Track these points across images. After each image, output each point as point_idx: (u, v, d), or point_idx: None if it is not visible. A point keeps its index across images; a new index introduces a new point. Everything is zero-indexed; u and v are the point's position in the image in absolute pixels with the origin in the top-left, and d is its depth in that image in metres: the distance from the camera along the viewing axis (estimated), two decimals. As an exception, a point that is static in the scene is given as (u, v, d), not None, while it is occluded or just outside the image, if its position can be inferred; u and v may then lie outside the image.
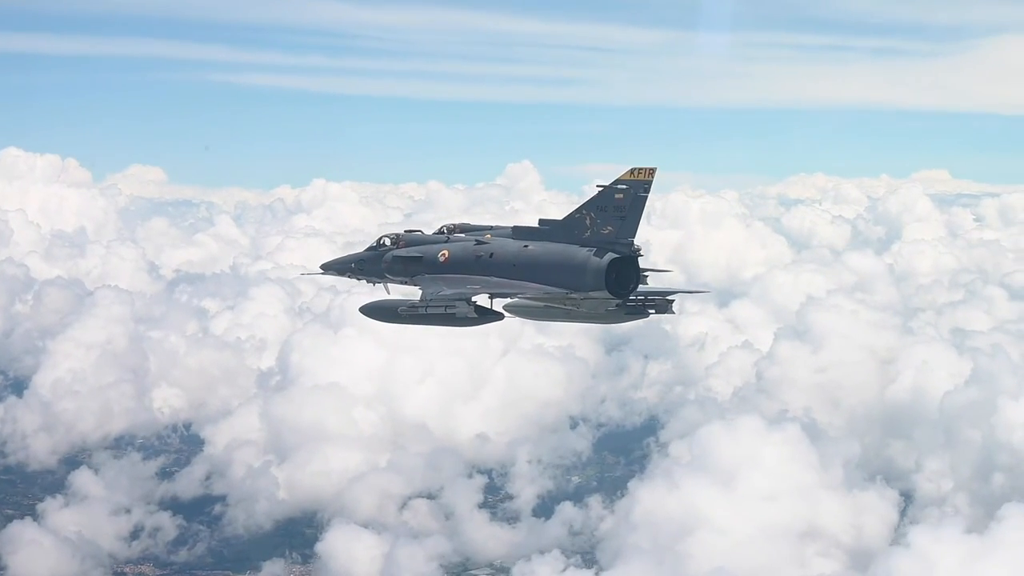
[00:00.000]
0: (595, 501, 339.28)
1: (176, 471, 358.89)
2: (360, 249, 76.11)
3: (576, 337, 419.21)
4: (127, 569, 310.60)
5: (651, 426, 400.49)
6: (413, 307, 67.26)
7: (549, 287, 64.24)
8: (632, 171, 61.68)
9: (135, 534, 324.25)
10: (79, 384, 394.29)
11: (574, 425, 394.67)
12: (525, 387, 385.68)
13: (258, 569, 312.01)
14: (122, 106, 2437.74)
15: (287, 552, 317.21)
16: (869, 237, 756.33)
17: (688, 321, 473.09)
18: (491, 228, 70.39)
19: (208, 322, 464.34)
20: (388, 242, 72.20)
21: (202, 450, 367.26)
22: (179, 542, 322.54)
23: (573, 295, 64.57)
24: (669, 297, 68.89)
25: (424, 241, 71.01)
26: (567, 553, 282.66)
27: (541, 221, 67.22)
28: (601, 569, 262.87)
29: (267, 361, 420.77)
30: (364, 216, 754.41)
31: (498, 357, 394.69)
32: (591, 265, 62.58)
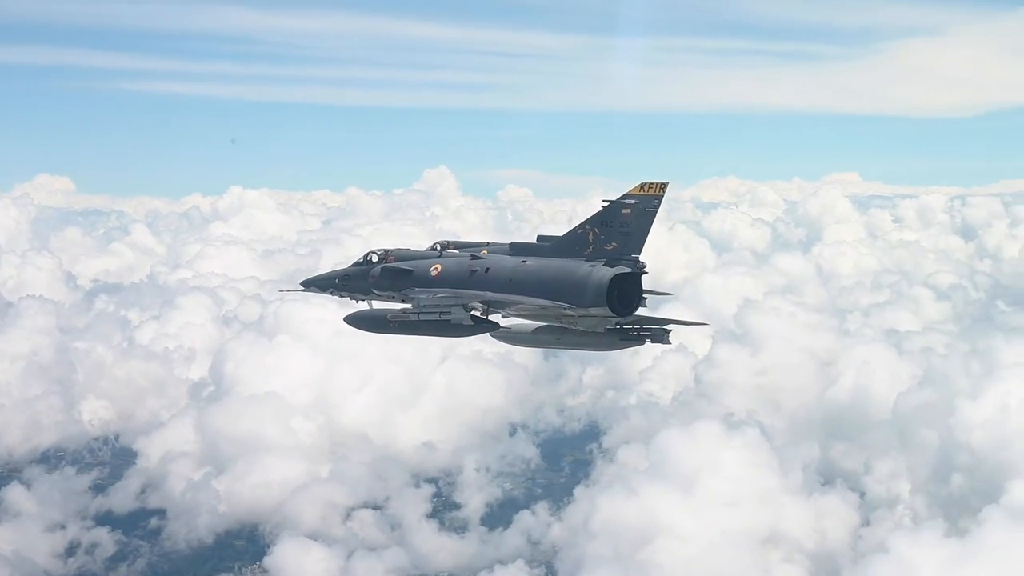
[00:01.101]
0: (542, 509, 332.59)
1: (109, 485, 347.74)
2: (343, 266, 74.12)
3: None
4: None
5: (591, 431, 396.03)
6: (404, 314, 65.59)
7: (547, 301, 62.01)
8: (642, 186, 59.91)
9: (71, 551, 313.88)
10: (4, 396, 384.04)
11: (513, 432, 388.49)
12: (465, 394, 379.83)
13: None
14: (27, 115, 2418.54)
15: (232, 566, 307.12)
16: (790, 239, 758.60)
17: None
18: (486, 244, 68.25)
19: (133, 332, 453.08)
20: (375, 258, 70.19)
21: (135, 463, 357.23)
22: (118, 558, 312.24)
23: (571, 311, 62.11)
24: (666, 327, 67.50)
25: (415, 256, 69.21)
26: (530, 563, 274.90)
27: (540, 237, 65.62)
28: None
29: (197, 371, 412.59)
30: (282, 223, 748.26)
31: (437, 364, 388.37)
32: (593, 280, 60.63)
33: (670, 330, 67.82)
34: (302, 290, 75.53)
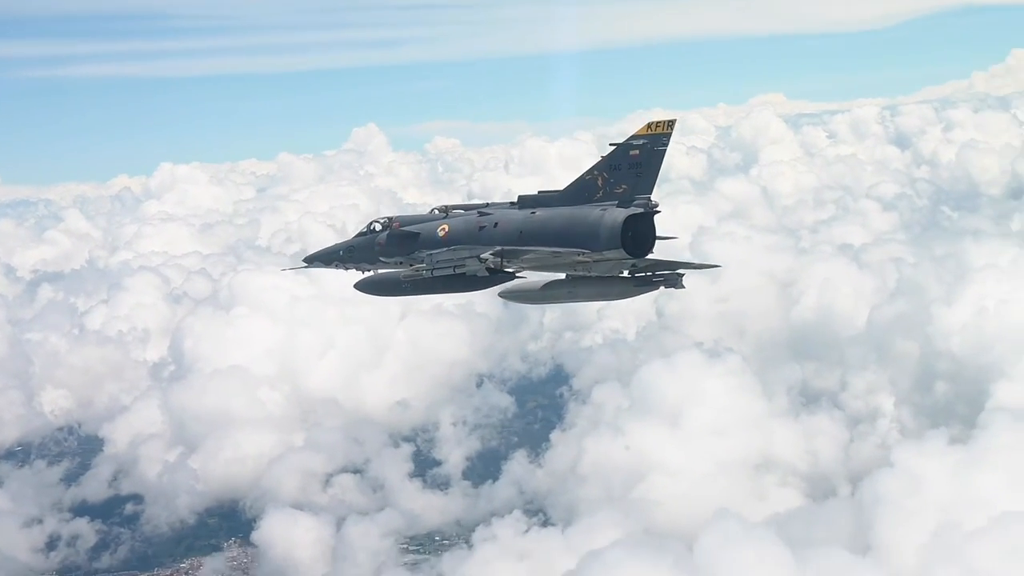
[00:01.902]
0: (521, 457, 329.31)
1: (80, 474, 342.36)
2: (342, 239, 74.08)
3: (480, 294, 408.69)
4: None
5: (558, 375, 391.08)
6: (417, 273, 65.29)
7: (560, 248, 61.24)
8: (649, 125, 59.06)
9: (52, 544, 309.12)
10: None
11: (480, 383, 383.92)
12: (429, 349, 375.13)
13: (186, 563, 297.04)
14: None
15: (216, 543, 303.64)
16: (726, 164, 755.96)
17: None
18: (486, 205, 67.46)
19: (82, 319, 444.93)
20: (379, 227, 69.30)
21: (102, 450, 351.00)
22: (100, 548, 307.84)
23: (585, 257, 61.34)
24: (679, 272, 67.25)
25: (420, 220, 68.26)
26: (526, 513, 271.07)
27: (541, 192, 64.93)
28: (559, 525, 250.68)
29: (155, 351, 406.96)
30: (217, 195, 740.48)
31: (397, 321, 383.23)
32: (606, 222, 59.89)
33: (683, 274, 67.45)
34: (305, 266, 74.86)
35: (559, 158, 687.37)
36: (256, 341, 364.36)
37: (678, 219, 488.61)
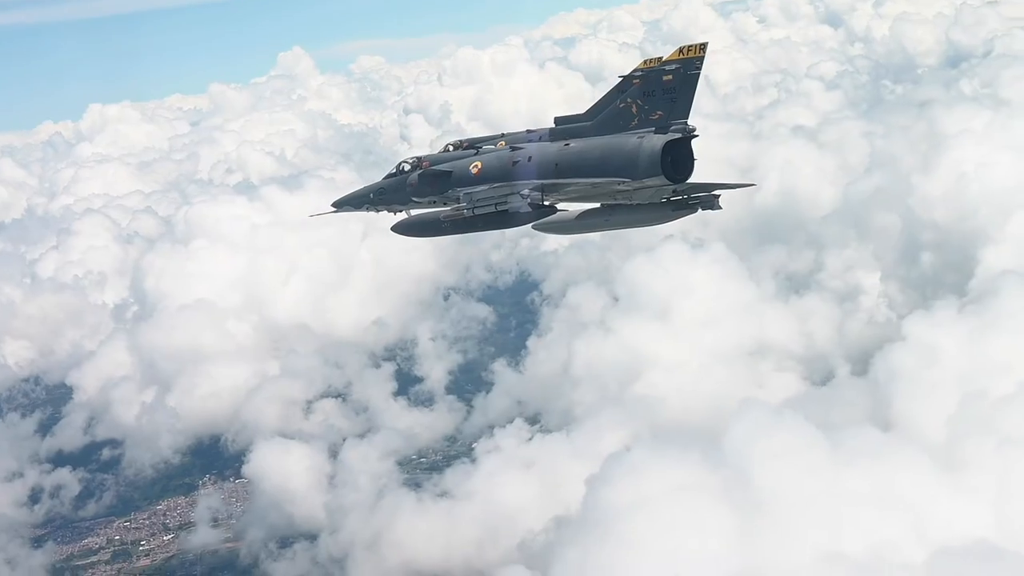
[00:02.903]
0: (502, 367, 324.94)
1: (54, 424, 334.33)
2: (369, 182, 73.55)
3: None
4: (39, 533, 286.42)
5: (526, 282, 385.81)
6: (458, 211, 64.11)
7: (599, 179, 60.43)
8: (680, 49, 58.57)
9: (35, 497, 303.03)
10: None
11: (447, 296, 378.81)
12: (393, 266, 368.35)
13: (173, 501, 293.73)
14: None
15: (203, 480, 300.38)
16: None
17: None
18: (501, 136, 66.71)
19: (33, 267, 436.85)
20: (407, 167, 68.97)
21: (71, 398, 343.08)
22: (84, 496, 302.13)
23: (625, 186, 60.47)
24: (715, 193, 65.25)
25: (450, 158, 67.18)
26: (528, 421, 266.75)
27: (557, 119, 63.56)
28: (561, 431, 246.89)
29: (113, 294, 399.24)
30: (150, 133, 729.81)
31: (360, 241, 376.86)
32: (645, 149, 58.90)
33: (719, 195, 65.39)
34: (334, 211, 73.79)
35: (492, 65, 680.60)
36: (219, 273, 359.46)
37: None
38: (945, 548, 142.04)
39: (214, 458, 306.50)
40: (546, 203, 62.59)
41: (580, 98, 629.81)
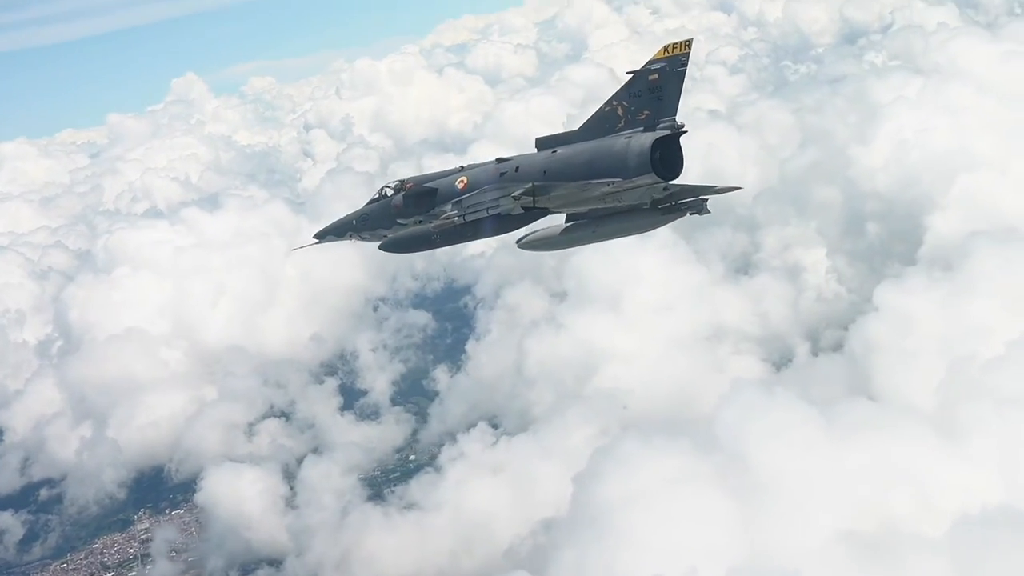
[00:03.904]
0: (443, 373, 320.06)
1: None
2: (350, 210, 72.46)
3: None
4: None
5: (453, 288, 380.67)
6: (447, 221, 62.82)
7: (589, 181, 59.25)
8: (665, 48, 58.51)
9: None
10: None
11: (376, 307, 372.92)
12: (320, 280, 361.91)
13: (119, 536, 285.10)
14: None
15: (152, 509, 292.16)
16: (556, 57, 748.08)
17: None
18: (459, 169, 66.31)
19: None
20: (390, 191, 67.90)
21: (2, 439, 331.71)
22: (29, 539, 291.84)
23: (615, 187, 59.03)
24: (703, 197, 64.39)
25: (433, 177, 66.81)
26: (492, 424, 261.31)
27: (538, 140, 63.40)
28: (525, 433, 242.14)
29: (35, 330, 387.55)
30: (49, 168, 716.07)
31: (284, 257, 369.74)
32: (633, 147, 58.09)
33: (707, 199, 64.56)
34: (316, 243, 73.16)
35: (390, 74, 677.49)
36: (146, 300, 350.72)
37: (532, 112, 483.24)
38: (965, 517, 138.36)
39: (158, 489, 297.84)
40: (538, 207, 61.09)
41: (482, 101, 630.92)
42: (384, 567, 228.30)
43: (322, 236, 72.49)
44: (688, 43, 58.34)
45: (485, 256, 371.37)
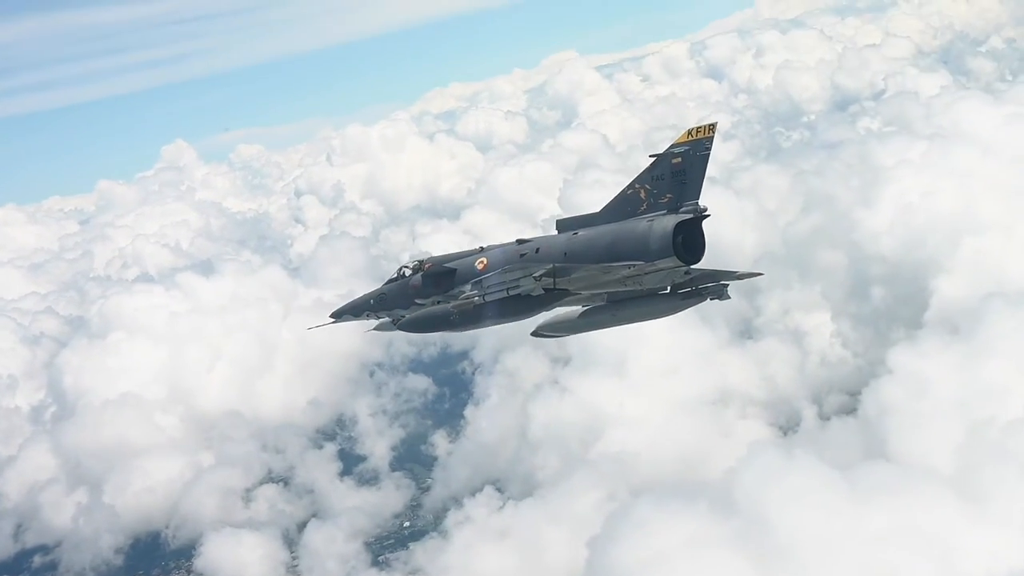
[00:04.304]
0: (441, 439, 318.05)
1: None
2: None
3: (358, 280, 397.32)
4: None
5: (448, 353, 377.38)
6: (468, 300, 61.73)
7: (610, 264, 58.91)
8: (689, 132, 58.24)
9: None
10: None
11: (372, 372, 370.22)
12: (317, 345, 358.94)
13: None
14: None
15: (148, 574, 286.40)
16: (546, 123, 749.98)
17: (430, 241, 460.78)
18: (480, 250, 65.84)
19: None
20: (408, 271, 67.70)
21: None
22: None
23: (636, 270, 58.75)
24: (723, 282, 64.48)
25: (453, 257, 66.34)
26: (498, 488, 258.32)
27: (559, 222, 62.88)
28: (531, 498, 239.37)
29: (27, 396, 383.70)
30: (39, 234, 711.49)
31: (281, 321, 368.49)
32: (656, 230, 57.77)
33: (727, 284, 64.53)
34: (333, 322, 71.75)
35: (381, 141, 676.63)
36: (140, 365, 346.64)
37: (526, 178, 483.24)
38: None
39: (155, 555, 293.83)
40: (558, 287, 60.30)
41: (473, 167, 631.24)
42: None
43: (339, 316, 71.38)
44: (712, 127, 57.93)
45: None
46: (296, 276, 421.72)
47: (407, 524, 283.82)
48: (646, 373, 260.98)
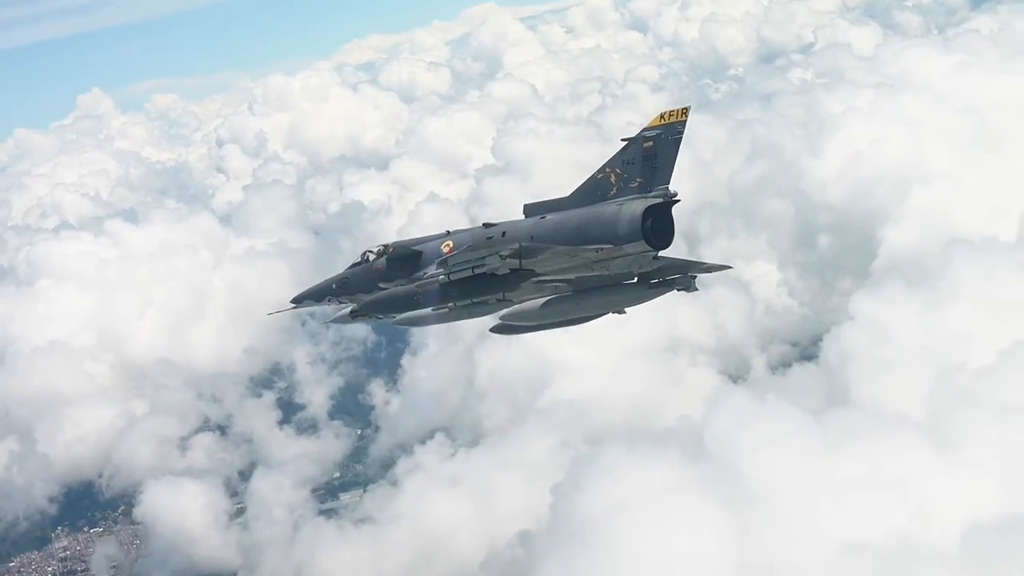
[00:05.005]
0: (378, 387, 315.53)
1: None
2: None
3: (288, 230, 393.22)
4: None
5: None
6: (432, 279, 60.55)
7: (578, 246, 57.08)
8: (661, 116, 56.78)
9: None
10: None
11: (304, 321, 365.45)
12: (249, 292, 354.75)
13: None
14: None
15: (86, 523, 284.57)
16: (472, 74, 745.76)
17: (358, 191, 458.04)
18: (445, 234, 63.66)
19: None
20: (372, 256, 65.74)
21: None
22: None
23: (604, 254, 56.93)
24: (691, 275, 63.08)
25: (419, 241, 64.61)
26: (450, 436, 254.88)
27: (527, 206, 60.87)
28: (480, 445, 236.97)
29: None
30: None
31: (212, 270, 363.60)
32: (624, 214, 56.03)
33: (695, 276, 63.08)
34: (294, 307, 71.23)
35: (304, 91, 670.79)
36: (70, 313, 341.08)
37: (456, 128, 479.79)
38: (976, 527, 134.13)
39: (89, 504, 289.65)
40: (524, 268, 58.48)
41: (397, 118, 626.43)
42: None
43: (299, 301, 69.95)
44: (685, 111, 56.48)
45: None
46: (227, 224, 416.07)
47: (353, 473, 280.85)
48: (596, 321, 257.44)
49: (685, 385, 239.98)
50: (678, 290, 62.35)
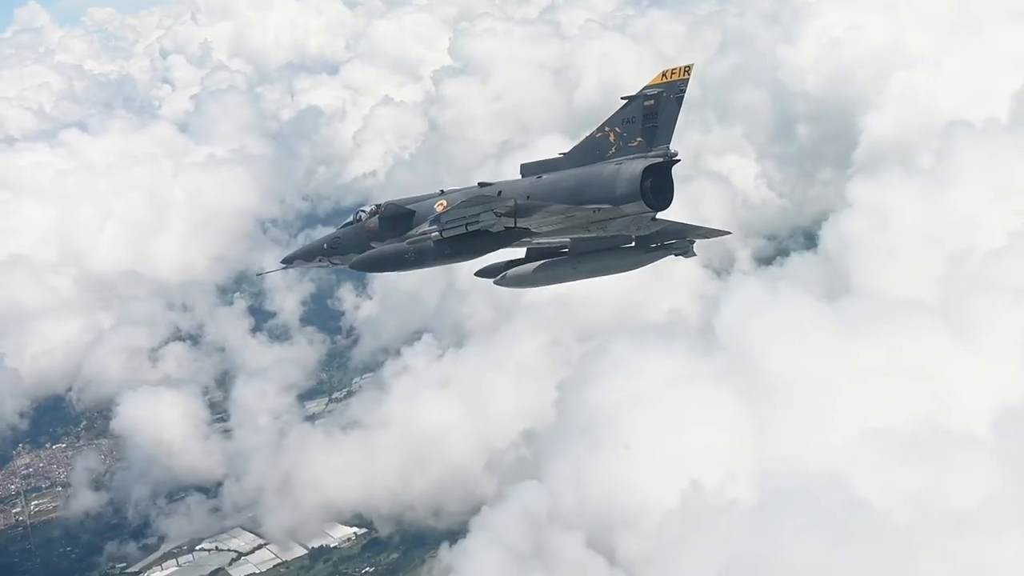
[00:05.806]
0: (348, 293, 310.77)
1: None
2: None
3: (247, 135, 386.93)
4: None
5: (343, 209, 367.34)
6: (424, 236, 58.35)
7: (575, 205, 55.57)
8: (663, 73, 53.77)
9: None
10: None
11: (266, 229, 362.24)
12: (211, 200, 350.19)
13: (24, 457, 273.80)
14: None
15: (58, 435, 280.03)
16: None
17: (310, 96, 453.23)
18: (440, 194, 60.75)
19: None
20: (364, 215, 63.00)
21: None
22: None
23: (601, 214, 55.32)
24: (689, 239, 61.36)
25: (413, 200, 62.17)
26: (436, 337, 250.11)
27: (523, 166, 58.39)
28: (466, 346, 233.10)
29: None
30: None
31: (172, 179, 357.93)
32: (623, 174, 54.19)
33: (693, 241, 61.27)
34: (284, 267, 68.20)
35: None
36: (29, 226, 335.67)
37: (407, 30, 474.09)
38: (1008, 411, 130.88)
39: (60, 418, 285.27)
40: (519, 226, 56.74)
41: (342, 23, 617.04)
42: (330, 490, 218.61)
43: (290, 261, 66.74)
44: (688, 68, 53.18)
45: (376, 175, 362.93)
46: (185, 132, 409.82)
47: (337, 380, 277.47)
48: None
49: (670, 279, 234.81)
50: (675, 255, 60.69)
